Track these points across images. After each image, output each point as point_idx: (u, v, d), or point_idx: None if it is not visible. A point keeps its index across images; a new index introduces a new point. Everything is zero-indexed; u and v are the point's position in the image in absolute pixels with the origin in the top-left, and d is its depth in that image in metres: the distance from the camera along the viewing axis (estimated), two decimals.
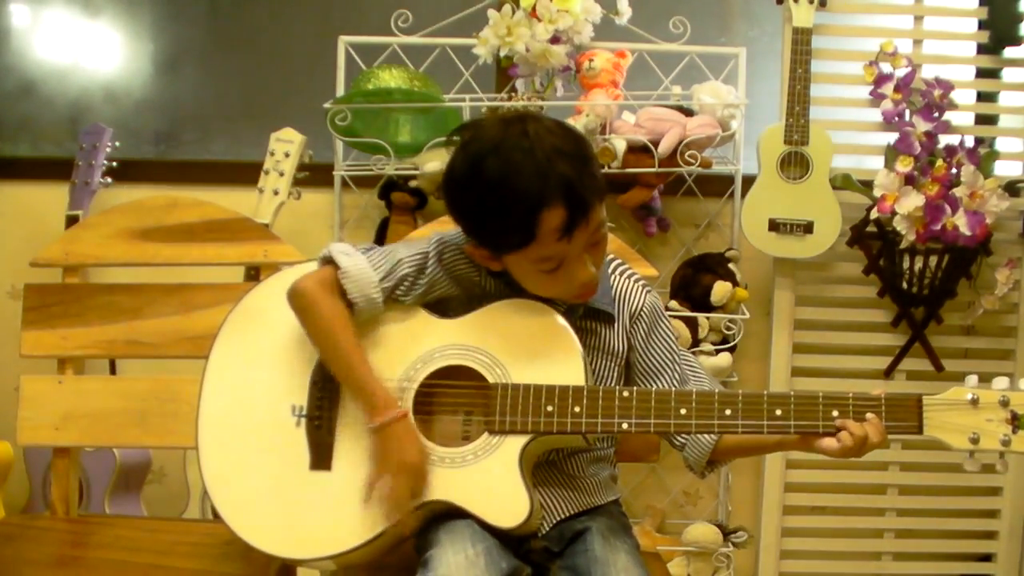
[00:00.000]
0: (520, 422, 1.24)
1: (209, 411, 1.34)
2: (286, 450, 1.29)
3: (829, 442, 1.21)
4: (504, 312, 1.29)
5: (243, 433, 1.31)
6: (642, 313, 1.35)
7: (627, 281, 1.36)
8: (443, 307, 1.32)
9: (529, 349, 1.26)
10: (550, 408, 1.24)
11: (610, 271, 1.36)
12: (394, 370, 1.29)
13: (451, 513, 1.23)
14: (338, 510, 1.26)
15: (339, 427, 1.29)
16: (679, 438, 1.32)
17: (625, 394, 1.24)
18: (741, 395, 1.24)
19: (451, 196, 1.24)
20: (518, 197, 1.16)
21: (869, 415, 1.20)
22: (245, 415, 1.32)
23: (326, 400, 1.30)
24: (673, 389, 1.29)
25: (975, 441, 1.19)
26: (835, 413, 1.21)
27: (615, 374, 1.35)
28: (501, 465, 1.23)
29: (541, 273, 1.23)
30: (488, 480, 1.23)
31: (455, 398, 1.28)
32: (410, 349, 1.29)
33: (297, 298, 1.30)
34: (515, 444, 1.24)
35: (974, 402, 1.20)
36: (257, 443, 1.30)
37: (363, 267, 1.28)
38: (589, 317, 1.32)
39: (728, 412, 1.23)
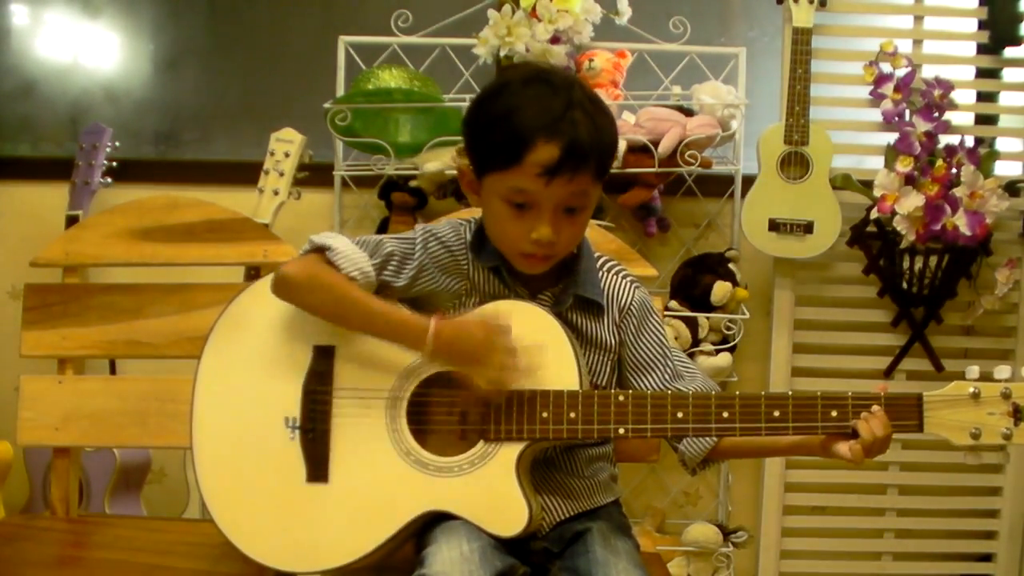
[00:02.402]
0: (516, 430, 1.23)
1: (202, 425, 1.33)
2: (281, 464, 1.28)
3: (841, 448, 1.21)
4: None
5: (238, 447, 1.30)
6: (631, 308, 1.34)
7: (616, 277, 1.36)
8: (431, 309, 1.31)
9: (522, 352, 1.25)
10: (545, 414, 1.23)
11: (598, 266, 1.35)
12: (386, 379, 1.28)
13: (449, 515, 1.23)
14: (338, 523, 1.25)
15: (334, 438, 1.28)
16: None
17: (621, 398, 1.23)
18: (738, 397, 1.23)
19: (469, 108, 1.26)
20: (523, 119, 1.18)
21: (874, 408, 1.20)
22: (238, 428, 1.31)
23: (319, 410, 1.29)
24: (669, 392, 1.28)
25: (976, 436, 1.19)
26: (834, 413, 1.21)
27: (607, 368, 1.34)
28: (498, 473, 1.22)
29: (508, 206, 1.22)
30: (486, 489, 1.22)
31: (448, 406, 1.27)
32: (400, 358, 1.28)
33: (287, 281, 1.28)
34: (511, 452, 1.23)
35: (975, 396, 1.19)
36: (252, 457, 1.29)
37: (350, 245, 1.28)
38: (578, 310, 1.32)
39: (725, 415, 1.22)
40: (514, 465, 1.22)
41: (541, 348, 1.22)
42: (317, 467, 1.28)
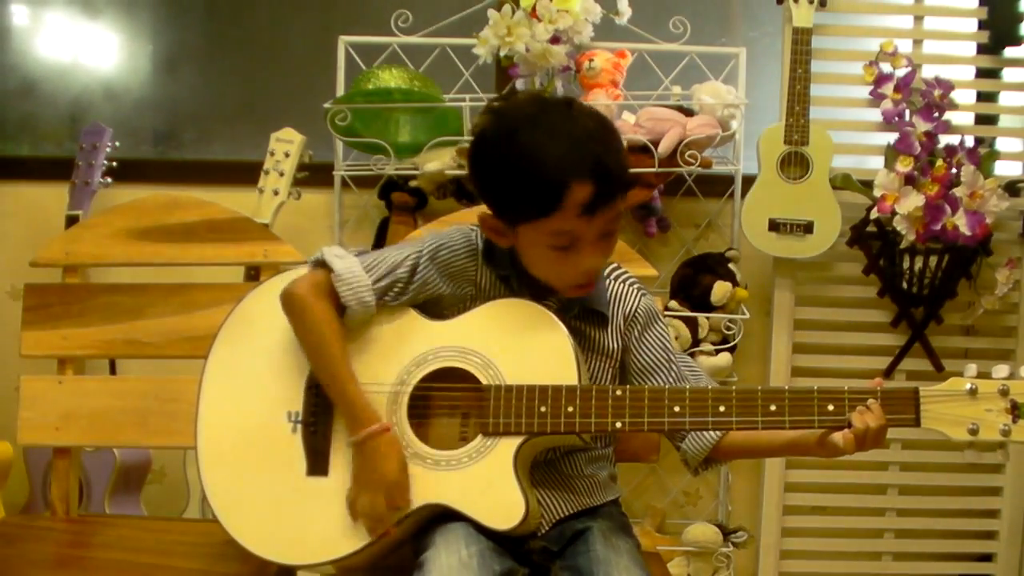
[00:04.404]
0: (514, 423, 1.24)
1: (207, 418, 1.34)
2: (283, 457, 1.29)
3: (835, 438, 1.21)
4: (497, 313, 1.29)
5: (240, 440, 1.31)
6: (637, 314, 1.35)
7: (622, 285, 1.37)
8: (435, 309, 1.32)
9: (522, 349, 1.26)
10: (543, 408, 1.23)
11: (606, 272, 1.36)
12: (388, 374, 1.29)
13: (448, 515, 1.23)
14: (335, 516, 1.26)
15: (335, 433, 1.29)
16: (678, 433, 1.32)
17: (618, 393, 1.24)
18: (735, 391, 1.23)
19: (478, 158, 1.24)
20: (551, 164, 1.17)
21: (870, 402, 1.20)
22: (242, 422, 1.32)
23: (322, 406, 1.30)
24: (667, 387, 1.30)
25: (974, 432, 1.18)
26: (831, 407, 1.21)
27: (609, 375, 1.35)
28: (496, 467, 1.23)
29: (551, 250, 1.22)
30: (483, 482, 1.23)
31: (450, 400, 1.28)
32: (404, 352, 1.29)
33: (289, 302, 1.30)
34: (509, 446, 1.23)
35: (973, 392, 1.19)
36: (254, 450, 1.30)
37: (356, 270, 1.29)
38: (583, 318, 1.32)
39: (722, 408, 1.22)
40: (512, 459, 1.23)
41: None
42: (317, 460, 1.29)
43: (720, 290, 2.29)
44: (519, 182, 1.19)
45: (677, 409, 1.23)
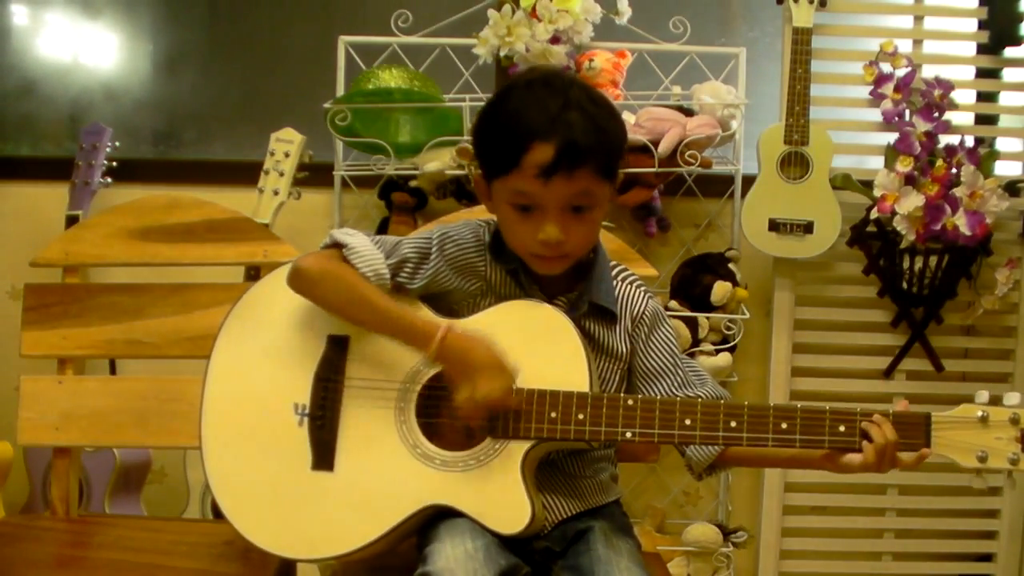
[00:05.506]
0: (523, 428, 1.23)
1: (212, 409, 1.33)
2: (288, 450, 1.29)
3: (851, 456, 1.21)
4: (510, 314, 1.28)
5: (246, 432, 1.31)
6: (644, 317, 1.35)
7: (630, 287, 1.36)
8: (445, 305, 1.32)
9: (534, 353, 1.25)
10: (554, 414, 1.23)
11: (613, 274, 1.36)
12: (398, 371, 1.29)
13: (452, 513, 1.23)
14: (339, 511, 1.25)
15: (342, 427, 1.29)
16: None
17: (630, 403, 1.23)
18: (747, 407, 1.22)
19: (479, 110, 1.29)
20: (520, 122, 1.20)
21: (876, 416, 1.20)
22: (248, 413, 1.31)
23: (329, 399, 1.30)
24: (678, 399, 1.28)
25: (983, 459, 1.19)
26: (842, 428, 1.21)
27: (617, 377, 1.35)
28: (503, 470, 1.22)
29: (513, 209, 1.23)
30: (490, 485, 1.22)
31: None
32: (414, 351, 1.28)
33: (302, 273, 1.29)
34: (518, 450, 1.23)
35: (983, 420, 1.19)
36: (260, 442, 1.30)
37: (368, 244, 1.29)
38: (592, 317, 1.32)
39: (733, 424, 1.22)
40: (519, 463, 1.22)
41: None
42: (323, 455, 1.28)
43: (720, 290, 2.29)
44: (491, 137, 1.24)
45: (688, 422, 1.22)
